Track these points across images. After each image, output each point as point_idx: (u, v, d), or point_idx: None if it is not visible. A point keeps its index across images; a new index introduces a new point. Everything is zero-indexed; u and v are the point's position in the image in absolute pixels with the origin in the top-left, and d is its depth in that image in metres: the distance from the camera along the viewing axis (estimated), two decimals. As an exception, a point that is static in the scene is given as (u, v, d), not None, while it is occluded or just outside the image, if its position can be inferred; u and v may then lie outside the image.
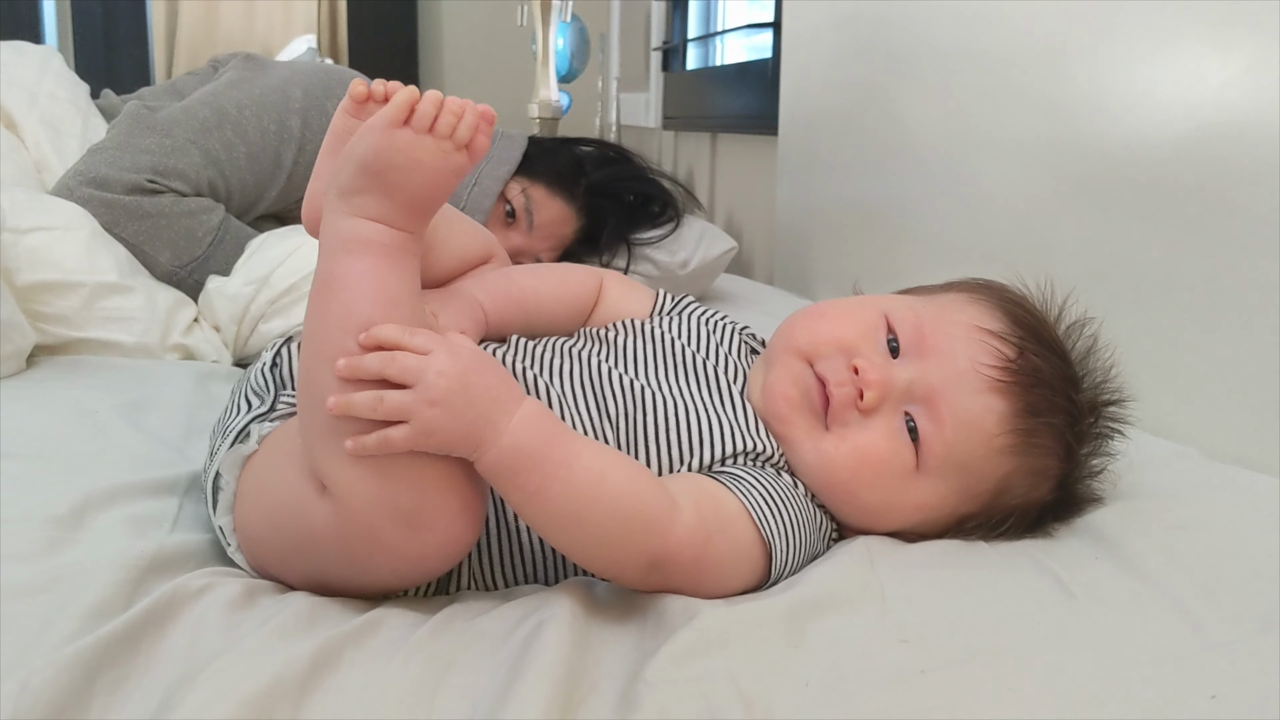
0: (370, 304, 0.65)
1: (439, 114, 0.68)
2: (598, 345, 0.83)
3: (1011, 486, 0.76)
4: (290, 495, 0.68)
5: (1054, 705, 0.55)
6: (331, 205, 0.70)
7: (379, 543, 0.64)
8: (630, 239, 1.76)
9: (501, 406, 0.64)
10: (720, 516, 0.69)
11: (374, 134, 0.68)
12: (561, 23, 2.77)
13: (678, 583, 0.68)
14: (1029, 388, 0.75)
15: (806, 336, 0.79)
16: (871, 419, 0.75)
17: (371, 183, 0.68)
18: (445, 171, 0.69)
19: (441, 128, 0.68)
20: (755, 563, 0.70)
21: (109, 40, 4.23)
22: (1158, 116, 1.06)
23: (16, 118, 1.63)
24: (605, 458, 0.67)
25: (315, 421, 0.66)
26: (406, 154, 0.68)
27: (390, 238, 0.68)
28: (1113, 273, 1.11)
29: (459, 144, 0.68)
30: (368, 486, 0.63)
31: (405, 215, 0.69)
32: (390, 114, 0.68)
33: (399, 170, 0.68)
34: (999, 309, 0.79)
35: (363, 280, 0.67)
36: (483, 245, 0.93)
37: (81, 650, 0.56)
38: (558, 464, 0.64)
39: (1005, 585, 0.69)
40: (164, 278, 1.45)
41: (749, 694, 0.56)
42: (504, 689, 0.56)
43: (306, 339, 0.68)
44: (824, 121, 1.88)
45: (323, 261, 0.69)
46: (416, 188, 0.68)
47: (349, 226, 0.68)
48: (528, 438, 0.64)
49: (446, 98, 0.69)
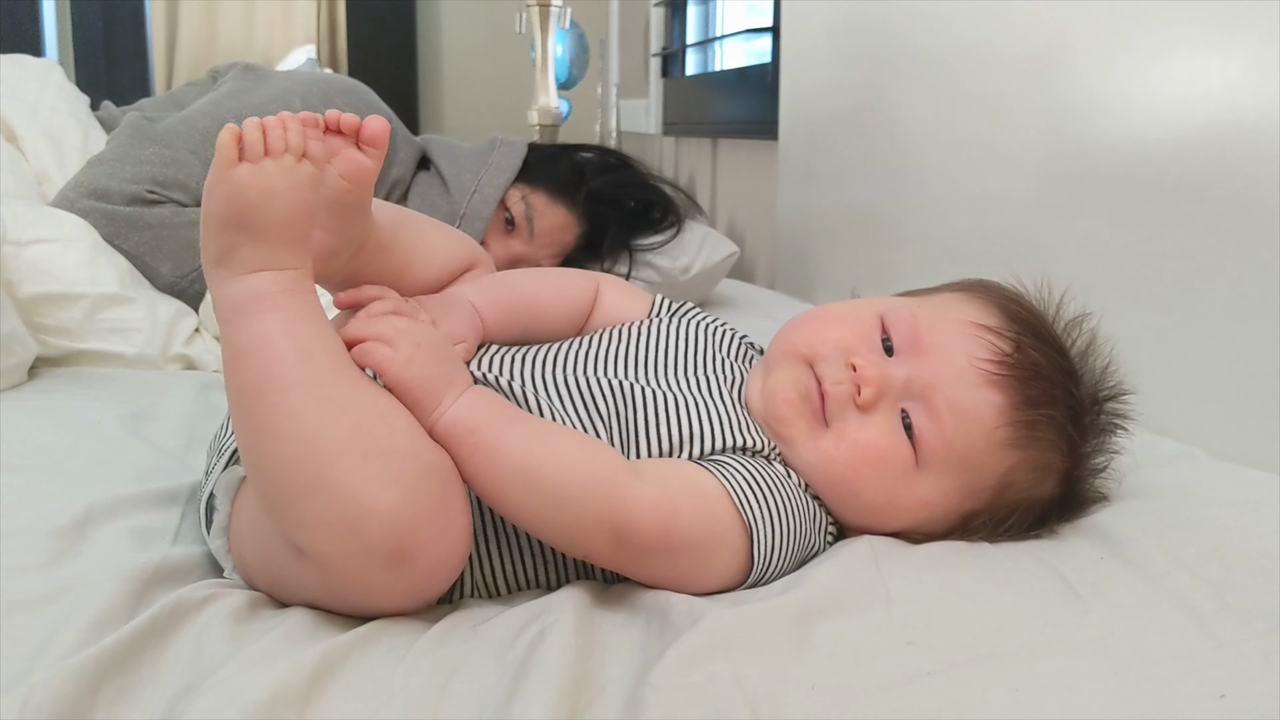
0: (283, 363, 0.65)
1: (265, 137, 0.67)
2: (586, 350, 0.82)
3: (1016, 481, 0.76)
4: (275, 551, 0.68)
5: (1062, 706, 0.55)
6: (212, 277, 0.69)
7: (372, 590, 0.64)
8: (632, 245, 1.76)
9: (462, 375, 0.70)
10: (692, 493, 0.69)
11: (216, 186, 0.67)
12: (560, 29, 2.77)
13: (652, 562, 0.68)
14: (1027, 381, 0.74)
15: (804, 339, 0.79)
16: (870, 416, 0.75)
17: (238, 235, 0.67)
18: (299, 188, 0.68)
19: (274, 145, 0.67)
20: (737, 547, 0.70)
21: (109, 53, 4.24)
22: (1158, 117, 1.06)
23: (17, 130, 1.63)
24: (555, 428, 0.71)
25: (268, 494, 0.65)
26: (256, 187, 0.67)
27: (281, 282, 0.67)
28: (1114, 274, 1.11)
29: (297, 154, 0.68)
30: (343, 547, 0.62)
31: (284, 251, 0.68)
32: (222, 158, 0.67)
33: (256, 207, 0.67)
34: (995, 305, 0.79)
35: (270, 340, 0.65)
36: (466, 252, 0.92)
37: (86, 660, 0.56)
38: (505, 423, 0.68)
39: (1011, 586, 0.68)
40: (165, 288, 1.45)
41: (755, 698, 0.56)
42: (509, 694, 0.56)
43: (236, 414, 0.66)
44: (824, 125, 1.88)
45: (224, 333, 0.67)
46: (280, 217, 0.67)
47: (237, 289, 0.67)
48: (480, 400, 0.69)
49: (264, 119, 0.68)
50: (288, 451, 0.63)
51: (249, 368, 0.65)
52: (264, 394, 0.64)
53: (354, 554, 0.62)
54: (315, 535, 0.63)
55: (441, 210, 1.65)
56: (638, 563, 0.68)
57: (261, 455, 0.64)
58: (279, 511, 0.65)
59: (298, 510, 0.63)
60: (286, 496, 0.63)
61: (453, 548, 0.65)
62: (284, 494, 0.63)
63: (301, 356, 0.65)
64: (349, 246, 0.80)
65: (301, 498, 0.62)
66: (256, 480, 0.67)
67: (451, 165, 1.70)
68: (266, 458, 0.64)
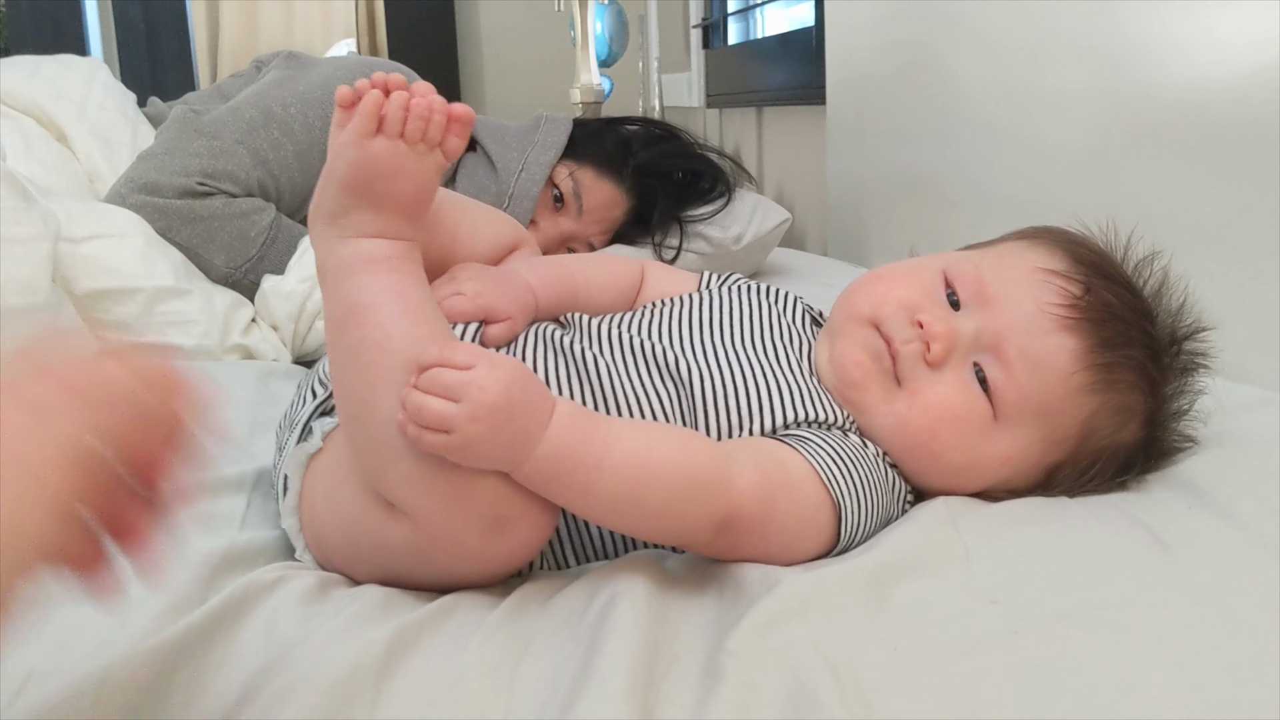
0: (401, 321, 0.65)
1: (407, 117, 0.68)
2: (652, 318, 0.81)
3: (1098, 428, 0.73)
4: (359, 511, 0.67)
5: (1155, 659, 0.53)
6: (321, 233, 0.70)
7: (464, 554, 0.64)
8: (682, 217, 1.73)
9: (538, 419, 0.62)
10: (784, 474, 0.68)
11: (349, 149, 0.69)
12: (599, 5, 2.75)
13: (746, 545, 0.66)
14: (1100, 323, 0.72)
15: (868, 301, 0.77)
16: (941, 373, 0.73)
17: (359, 199, 0.69)
18: (428, 172, 0.70)
19: (411, 134, 0.69)
20: (824, 524, 0.69)
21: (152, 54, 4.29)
22: (1220, 55, 1.02)
23: (66, 130, 1.64)
24: (646, 433, 0.66)
25: (372, 450, 0.65)
26: (387, 162, 0.68)
27: (394, 249, 0.69)
28: (1181, 222, 1.07)
29: (431, 145, 0.69)
30: (448, 506, 0.62)
31: (401, 223, 0.70)
32: (360, 126, 0.68)
33: (383, 179, 0.69)
34: (1061, 250, 0.77)
35: (385, 299, 0.67)
36: (512, 231, 0.93)
37: (160, 644, 0.56)
38: (598, 455, 0.62)
39: (1095, 540, 0.66)
40: (220, 280, 1.45)
41: (836, 661, 0.54)
42: (584, 664, 0.55)
43: (344, 370, 0.67)
44: (872, 85, 1.85)
45: (334, 290, 0.68)
46: (404, 193, 0.69)
47: (350, 249, 0.68)
48: (562, 439, 0.62)
49: (413, 96, 0.69)
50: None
51: (364, 323, 0.66)
52: (385, 349, 0.64)
53: (457, 517, 0.62)
54: (421, 493, 0.62)
55: (489, 191, 1.64)
56: (734, 547, 0.66)
57: (372, 409, 0.64)
58: (383, 467, 0.64)
59: (405, 465, 0.62)
60: (396, 451, 0.62)
61: (549, 521, 0.65)
62: (393, 449, 0.62)
63: (417, 318, 0.66)
64: None
65: (413, 453, 0.61)
66: (360, 434, 0.66)
67: (497, 145, 1.69)
68: (377, 412, 0.63)
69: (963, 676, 0.53)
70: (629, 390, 0.74)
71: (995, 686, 0.52)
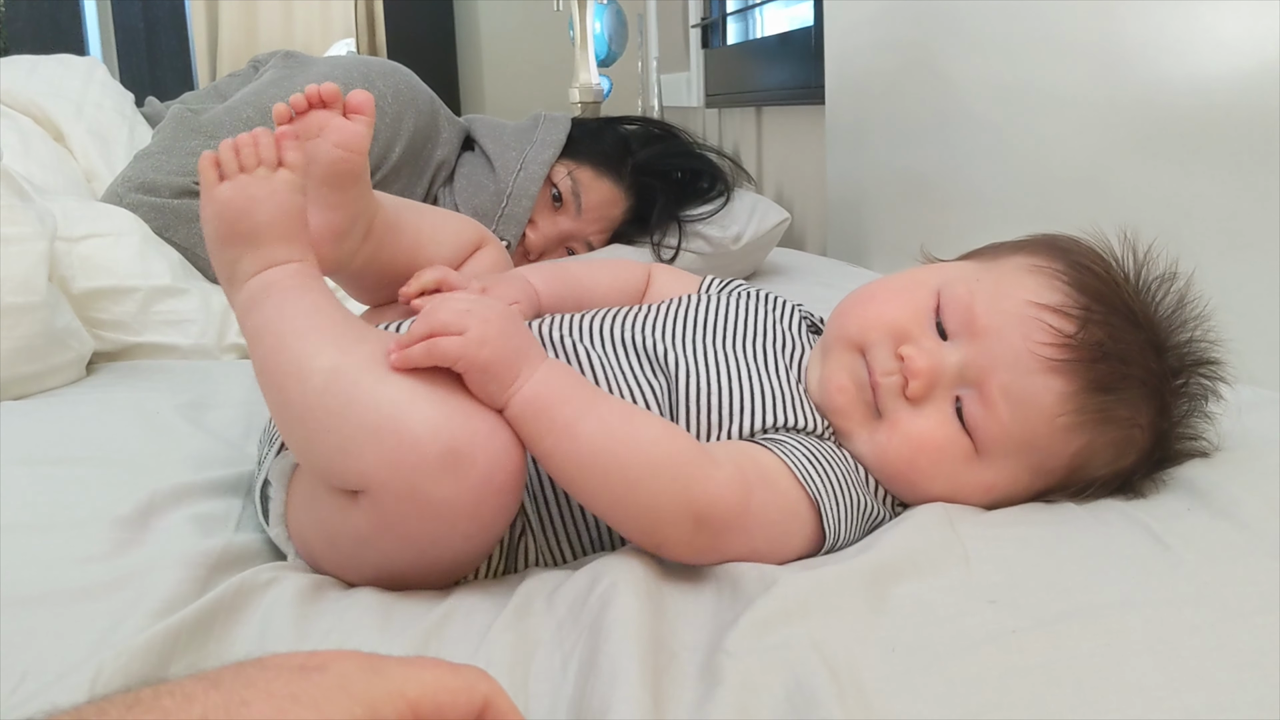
0: (300, 319, 0.68)
1: (238, 154, 0.73)
2: (645, 314, 0.81)
3: (1091, 459, 0.72)
4: (329, 512, 0.67)
5: (1157, 659, 0.53)
6: (229, 298, 0.75)
7: (430, 508, 0.61)
8: (681, 216, 1.73)
9: (535, 349, 0.66)
10: (760, 471, 0.68)
11: (206, 208, 0.73)
12: (598, 5, 2.75)
13: (727, 543, 0.65)
14: (1093, 363, 0.69)
15: (856, 323, 0.76)
16: (923, 406, 0.72)
17: (235, 246, 0.72)
18: (279, 192, 0.73)
19: (247, 161, 0.73)
20: (805, 520, 0.69)
21: (151, 53, 4.29)
22: (1220, 55, 1.02)
23: (64, 129, 1.64)
24: (632, 409, 0.68)
25: (310, 440, 0.65)
26: (238, 199, 0.72)
27: (285, 273, 0.72)
28: (1180, 222, 1.07)
29: (271, 165, 0.73)
30: (390, 458, 0.60)
31: (284, 248, 0.72)
32: (205, 180, 0.73)
33: (242, 216, 0.72)
34: (1063, 277, 0.73)
35: (283, 308, 0.69)
36: (474, 232, 0.95)
37: (153, 638, 0.56)
38: (584, 403, 0.64)
39: (1094, 541, 0.66)
40: (216, 279, 1.45)
41: (834, 661, 0.54)
42: (591, 654, 0.55)
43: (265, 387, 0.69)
44: (871, 85, 1.84)
45: (245, 330, 0.72)
46: (268, 220, 0.72)
47: (247, 292, 0.72)
48: (555, 376, 0.65)
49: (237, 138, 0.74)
50: (316, 382, 0.63)
51: (267, 335, 0.69)
52: (283, 346, 0.67)
53: (403, 466, 0.60)
54: (359, 456, 0.61)
55: (488, 189, 1.64)
56: (715, 545, 0.65)
57: (288, 403, 0.65)
58: (319, 452, 0.64)
59: (334, 437, 0.62)
60: (323, 427, 0.63)
61: (506, 448, 0.63)
62: (321, 426, 0.63)
63: (312, 309, 0.69)
64: (357, 225, 0.82)
65: (337, 421, 0.62)
66: (292, 435, 0.67)
67: (496, 144, 1.69)
68: (294, 403, 0.65)
69: (962, 676, 0.53)
70: (619, 380, 0.74)
71: (994, 686, 0.52)
